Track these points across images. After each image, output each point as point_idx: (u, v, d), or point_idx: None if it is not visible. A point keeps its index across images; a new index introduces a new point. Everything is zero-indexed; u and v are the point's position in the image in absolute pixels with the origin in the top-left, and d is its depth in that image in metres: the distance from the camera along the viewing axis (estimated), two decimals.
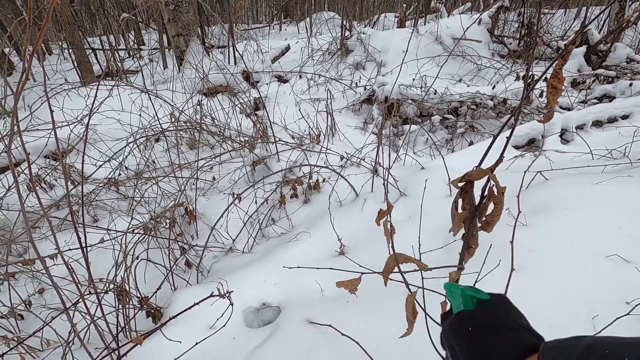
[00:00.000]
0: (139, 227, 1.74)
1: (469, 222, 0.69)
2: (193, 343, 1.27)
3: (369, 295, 1.44)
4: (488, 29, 4.65)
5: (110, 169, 2.50)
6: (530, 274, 1.35)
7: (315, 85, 4.05)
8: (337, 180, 2.28)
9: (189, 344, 1.25)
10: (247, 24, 11.39)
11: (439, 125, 3.26)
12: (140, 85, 2.83)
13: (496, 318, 0.46)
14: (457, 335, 0.47)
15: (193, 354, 1.27)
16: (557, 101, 0.74)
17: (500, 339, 0.43)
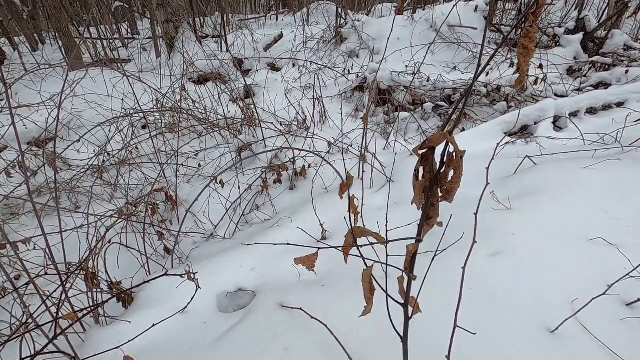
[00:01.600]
0: (114, 212, 1.70)
1: (428, 191, 0.65)
2: (164, 328, 1.23)
3: (344, 279, 1.40)
4: (485, 16, 4.56)
5: (93, 155, 2.45)
6: (512, 257, 1.30)
7: (308, 73, 3.98)
8: (323, 165, 2.23)
9: (159, 328, 1.21)
10: (244, 14, 11.24)
11: (431, 113, 3.20)
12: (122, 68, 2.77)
13: None
14: None
15: (162, 339, 1.23)
16: (529, 62, 0.69)
17: None
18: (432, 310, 1.01)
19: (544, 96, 3.17)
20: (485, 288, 1.20)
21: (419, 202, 0.68)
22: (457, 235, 1.09)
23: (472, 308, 1.12)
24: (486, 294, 1.17)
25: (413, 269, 0.68)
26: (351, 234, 0.72)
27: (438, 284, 1.19)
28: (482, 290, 1.19)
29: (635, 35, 4.68)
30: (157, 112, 2.41)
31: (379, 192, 2.12)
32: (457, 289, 0.82)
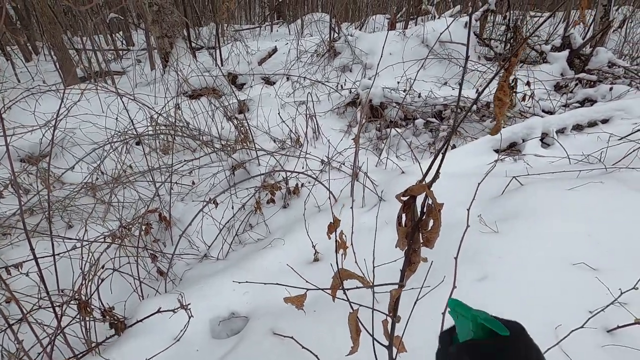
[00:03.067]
0: (107, 236, 1.71)
1: (410, 238, 0.68)
2: (157, 355, 1.24)
3: (336, 306, 1.42)
4: (475, 32, 4.67)
5: (86, 174, 2.45)
6: (498, 282, 1.34)
7: (301, 87, 4.03)
8: (315, 185, 2.26)
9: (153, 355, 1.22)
10: (239, 24, 11.35)
11: (422, 129, 3.26)
12: (121, 88, 2.79)
13: (516, 357, 0.42)
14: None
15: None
16: (504, 113, 0.73)
17: None
18: (418, 345, 1.03)
19: (532, 112, 3.25)
20: None
21: (402, 246, 0.71)
22: (444, 257, 1.13)
23: None
24: None
25: (397, 313, 0.71)
26: (338, 276, 0.75)
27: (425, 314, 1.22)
28: None
29: (620, 51, 4.82)
30: (152, 135, 2.43)
31: (371, 212, 2.15)
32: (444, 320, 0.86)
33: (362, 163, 2.52)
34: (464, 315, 0.46)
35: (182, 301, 1.10)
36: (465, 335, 0.46)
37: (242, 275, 1.68)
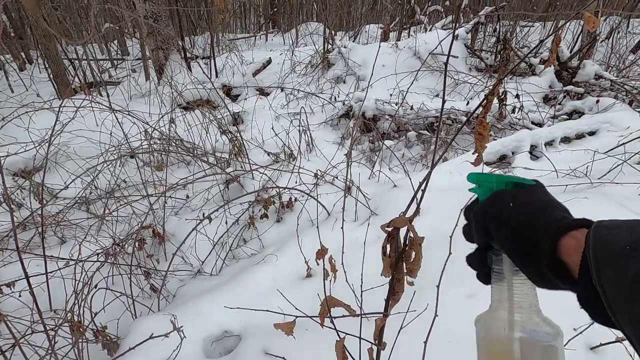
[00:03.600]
0: (100, 254, 1.71)
1: (394, 268, 0.71)
2: None
3: (329, 323, 1.44)
4: (466, 44, 4.76)
5: (80, 188, 2.46)
6: (487, 299, 1.37)
7: (295, 99, 4.07)
8: (309, 199, 2.28)
9: None
10: (234, 33, 11.44)
11: (415, 141, 3.31)
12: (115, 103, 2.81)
13: (538, 195, 0.43)
14: (495, 212, 0.43)
15: None
16: (484, 146, 0.76)
17: (545, 213, 0.40)
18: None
19: (522, 124, 3.31)
20: (460, 332, 1.25)
21: (387, 275, 0.74)
22: (431, 274, 1.15)
23: (447, 356, 1.17)
24: (460, 339, 1.23)
25: (382, 340, 0.73)
26: (325, 303, 0.77)
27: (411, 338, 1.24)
28: (457, 334, 1.24)
29: (607, 62, 4.93)
30: (146, 152, 2.45)
31: (364, 226, 2.18)
32: (431, 339, 0.88)
33: (354, 176, 2.56)
34: (487, 181, 0.46)
35: (175, 323, 1.11)
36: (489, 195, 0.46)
37: (236, 291, 1.69)
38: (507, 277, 0.43)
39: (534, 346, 0.41)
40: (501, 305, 0.44)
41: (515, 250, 0.40)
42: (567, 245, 0.37)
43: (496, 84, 0.69)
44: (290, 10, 12.12)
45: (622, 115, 3.01)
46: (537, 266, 0.39)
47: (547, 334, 0.41)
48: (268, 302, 1.63)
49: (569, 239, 0.37)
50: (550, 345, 0.40)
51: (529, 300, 0.43)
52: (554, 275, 0.37)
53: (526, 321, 0.42)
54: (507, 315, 0.43)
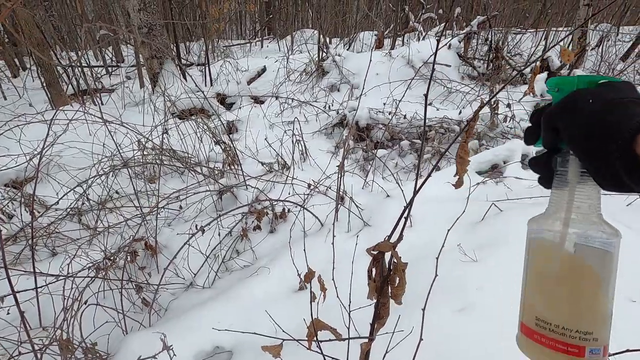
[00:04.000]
0: (91, 268, 1.70)
1: (379, 293, 0.71)
2: None
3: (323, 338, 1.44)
4: (458, 52, 4.82)
5: (72, 199, 2.44)
6: (478, 312, 1.38)
7: (290, 107, 4.09)
8: (301, 211, 2.29)
9: None
10: (229, 39, 11.48)
11: (408, 150, 3.33)
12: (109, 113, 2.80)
13: (623, 91, 0.39)
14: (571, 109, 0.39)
15: None
16: (465, 169, 0.78)
17: (627, 105, 0.36)
18: None
19: (513, 134, 3.35)
20: (450, 346, 1.26)
21: (373, 298, 0.74)
22: (422, 287, 1.15)
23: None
24: (450, 354, 1.23)
25: None
26: (312, 326, 0.78)
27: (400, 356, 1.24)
28: (447, 349, 1.25)
29: (597, 70, 5.01)
30: (139, 164, 2.44)
31: (356, 237, 2.18)
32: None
33: (348, 186, 2.57)
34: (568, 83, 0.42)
35: (165, 342, 1.11)
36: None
37: (228, 305, 1.69)
38: (570, 180, 0.41)
39: (588, 247, 0.40)
40: (559, 208, 0.42)
41: (586, 142, 0.37)
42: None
43: (477, 111, 0.70)
44: (285, 17, 12.20)
45: None
46: (607, 165, 0.35)
47: (603, 235, 0.40)
48: (261, 315, 1.62)
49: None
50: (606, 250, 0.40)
51: (589, 202, 0.40)
52: (628, 172, 0.34)
53: (582, 220, 0.40)
54: (563, 216, 0.41)
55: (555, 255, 0.41)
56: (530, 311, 0.43)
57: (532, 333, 0.42)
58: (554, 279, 0.42)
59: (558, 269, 0.41)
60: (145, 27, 3.88)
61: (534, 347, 0.42)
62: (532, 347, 0.43)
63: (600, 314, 0.40)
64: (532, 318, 0.42)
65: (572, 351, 0.39)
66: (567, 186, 0.41)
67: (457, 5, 8.39)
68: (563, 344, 0.39)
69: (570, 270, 0.41)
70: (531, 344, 0.43)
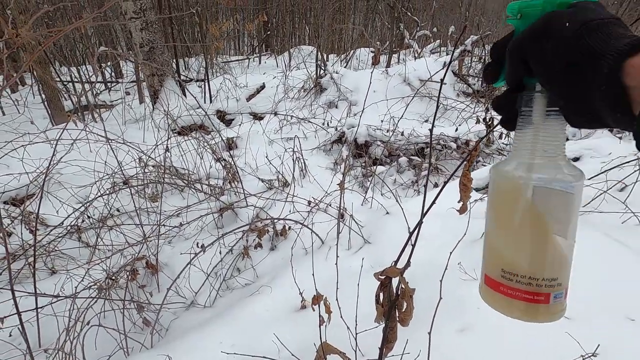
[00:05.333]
0: (92, 287, 1.70)
1: (387, 318, 0.73)
2: None
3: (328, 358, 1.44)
4: (453, 70, 4.94)
5: (71, 217, 2.44)
6: (478, 333, 1.39)
7: (289, 124, 4.15)
8: (302, 228, 2.30)
9: None
10: (228, 55, 11.66)
11: (406, 166, 3.38)
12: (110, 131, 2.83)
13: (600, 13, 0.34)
14: (543, 35, 0.34)
15: None
16: (469, 196, 0.81)
17: (609, 27, 0.32)
18: None
19: (509, 150, 3.42)
20: None
21: (380, 322, 0.76)
22: (427, 303, 1.17)
23: None
24: None
25: None
26: (321, 349, 0.79)
27: None
28: None
29: None
30: (141, 183, 2.46)
31: (357, 254, 2.20)
32: None
33: (348, 203, 2.59)
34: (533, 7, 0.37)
35: None
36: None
37: (231, 325, 1.68)
38: (535, 119, 0.38)
39: (549, 191, 0.38)
40: (523, 149, 0.39)
41: (563, 73, 0.33)
42: (637, 65, 0.29)
43: (478, 142, 0.74)
44: (283, 34, 12.44)
45: (604, 141, 3.13)
46: (585, 99, 0.32)
47: (568, 177, 0.37)
48: (263, 335, 1.62)
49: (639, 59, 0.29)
50: (567, 192, 0.37)
51: (555, 144, 0.38)
52: (608, 104, 0.30)
53: (548, 164, 0.38)
54: (527, 159, 0.38)
55: (518, 204, 0.39)
56: (495, 262, 0.42)
57: (498, 285, 0.41)
58: (517, 229, 0.40)
59: (521, 217, 0.39)
60: (147, 45, 3.95)
61: (500, 300, 0.41)
62: (498, 299, 0.42)
63: (564, 258, 0.39)
64: (497, 269, 0.41)
65: (539, 299, 0.39)
66: (531, 127, 0.38)
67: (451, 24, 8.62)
68: (529, 293, 0.39)
69: (532, 218, 0.38)
70: (497, 296, 0.42)
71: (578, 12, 0.34)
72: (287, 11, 12.01)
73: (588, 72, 0.31)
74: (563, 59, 0.33)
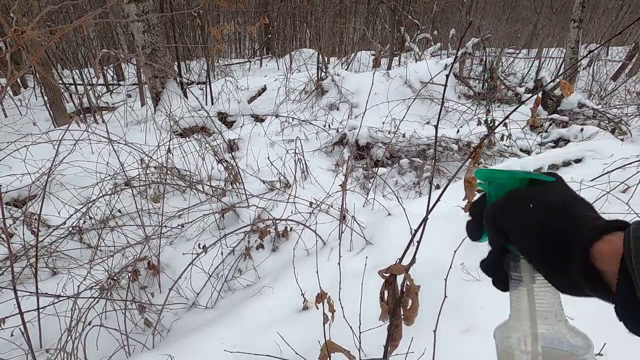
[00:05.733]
0: (94, 287, 1.70)
1: (392, 315, 0.73)
2: None
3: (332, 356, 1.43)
4: (454, 72, 4.95)
5: (73, 217, 2.44)
6: (481, 333, 1.38)
7: (290, 126, 4.15)
8: (304, 229, 2.30)
9: None
10: (229, 58, 11.70)
11: (407, 168, 3.38)
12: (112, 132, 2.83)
13: (562, 193, 0.38)
14: (511, 213, 0.38)
15: None
16: (474, 194, 0.81)
17: (571, 214, 0.35)
18: None
19: (510, 152, 3.42)
20: None
21: (385, 320, 0.76)
22: (432, 305, 1.16)
23: None
24: None
25: None
26: (325, 348, 0.79)
27: None
28: None
29: (589, 90, 5.15)
30: (143, 184, 2.46)
31: (359, 255, 2.19)
32: None
33: (349, 205, 2.59)
34: (499, 177, 0.41)
35: None
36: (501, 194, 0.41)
37: (232, 326, 1.68)
38: (527, 285, 0.39)
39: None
40: (522, 314, 0.39)
41: (541, 258, 0.36)
42: (603, 251, 0.32)
43: (482, 139, 0.74)
44: (284, 37, 12.48)
45: (606, 143, 3.13)
46: (566, 275, 0.34)
47: (577, 348, 0.36)
48: (264, 336, 1.62)
49: (604, 244, 0.32)
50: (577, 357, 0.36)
51: (554, 309, 0.38)
52: (587, 284, 0.33)
53: (552, 333, 0.37)
54: (528, 327, 0.38)
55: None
56: None
57: None
58: None
59: None
60: (149, 47, 3.96)
61: None
62: None
63: None
64: None
65: None
66: (525, 293, 0.39)
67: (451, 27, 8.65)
68: None
69: None
70: None
71: (539, 194, 0.38)
72: (288, 14, 12.07)
73: (561, 257, 0.34)
74: (536, 244, 0.36)
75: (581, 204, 0.37)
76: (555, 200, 0.37)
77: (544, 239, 0.35)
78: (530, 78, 4.79)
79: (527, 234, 0.37)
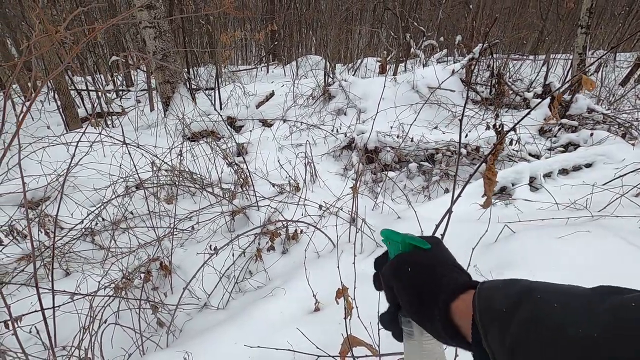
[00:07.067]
0: (109, 287, 1.72)
1: None
2: None
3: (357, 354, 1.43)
4: (461, 78, 4.96)
5: (86, 219, 2.48)
6: None
7: (298, 130, 4.18)
8: (314, 232, 2.31)
9: None
10: (236, 65, 11.84)
11: (416, 172, 3.38)
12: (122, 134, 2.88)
13: (433, 259, 0.46)
14: (396, 276, 0.46)
15: None
16: (493, 190, 0.81)
17: (437, 277, 0.43)
18: None
19: (520, 156, 3.41)
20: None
21: None
22: None
23: None
24: None
25: None
26: (347, 341, 0.79)
27: None
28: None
29: (598, 95, 5.13)
30: (155, 185, 2.50)
31: (370, 257, 2.19)
32: None
33: (359, 208, 2.60)
34: (395, 239, 0.50)
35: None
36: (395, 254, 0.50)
37: (244, 326, 1.68)
38: (416, 337, 0.46)
39: None
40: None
41: (414, 315, 0.44)
42: (458, 309, 0.39)
43: (503, 135, 0.75)
44: (290, 44, 12.61)
45: (617, 147, 3.11)
46: (435, 329, 0.41)
47: None
48: (277, 337, 1.62)
49: (460, 302, 0.39)
50: None
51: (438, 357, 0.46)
52: (450, 337, 0.39)
53: None
54: None
55: None
56: None
57: None
58: None
59: None
60: (160, 53, 4.04)
61: None
62: None
63: None
64: None
65: None
66: (415, 341, 0.46)
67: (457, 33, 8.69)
68: None
69: None
70: None
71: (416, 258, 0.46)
72: (295, 21, 12.20)
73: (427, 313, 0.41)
74: (408, 300, 0.44)
75: (451, 268, 0.45)
76: (427, 265, 0.45)
77: (415, 299, 0.43)
78: (539, 84, 4.78)
79: (405, 294, 0.44)
